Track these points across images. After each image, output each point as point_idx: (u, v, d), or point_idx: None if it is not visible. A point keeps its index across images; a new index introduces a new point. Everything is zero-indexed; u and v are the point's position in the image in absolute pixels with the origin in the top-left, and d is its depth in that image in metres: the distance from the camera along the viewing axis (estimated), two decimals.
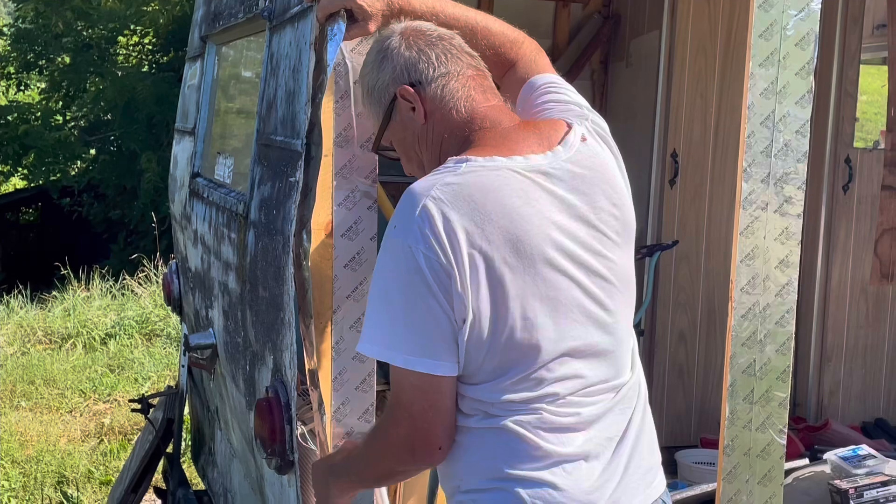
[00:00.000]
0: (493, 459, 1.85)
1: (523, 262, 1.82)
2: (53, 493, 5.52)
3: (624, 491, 1.90)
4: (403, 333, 1.80)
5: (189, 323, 4.12)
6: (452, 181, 1.83)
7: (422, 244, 1.79)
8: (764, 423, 2.75)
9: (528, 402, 1.84)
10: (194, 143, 4.03)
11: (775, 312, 2.72)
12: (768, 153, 2.68)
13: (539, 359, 1.84)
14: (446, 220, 1.79)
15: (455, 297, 1.79)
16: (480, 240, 1.80)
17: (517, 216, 1.83)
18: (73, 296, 10.02)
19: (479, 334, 1.81)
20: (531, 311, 1.83)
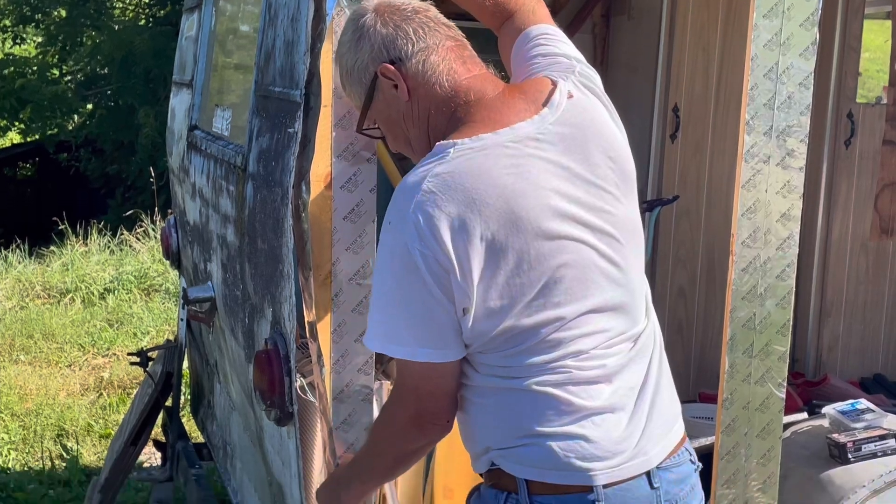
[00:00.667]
0: (521, 418, 1.87)
1: (525, 238, 1.82)
2: (53, 446, 5.54)
3: (649, 438, 1.93)
4: (404, 327, 1.83)
5: (188, 277, 4.12)
6: (442, 171, 1.83)
7: (417, 241, 1.80)
8: (763, 376, 2.75)
9: (551, 361, 1.86)
10: (192, 96, 4.00)
11: (776, 266, 2.71)
12: (771, 106, 2.65)
13: (556, 324, 1.86)
14: (442, 212, 1.80)
15: (456, 290, 1.80)
16: (479, 226, 1.80)
17: (512, 194, 1.82)
18: (71, 251, 10.01)
19: (487, 316, 1.83)
20: (542, 282, 1.83)
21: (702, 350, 4.62)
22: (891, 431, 3.05)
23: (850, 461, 2.99)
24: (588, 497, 1.86)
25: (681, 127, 4.49)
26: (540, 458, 1.86)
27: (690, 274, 4.59)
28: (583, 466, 1.86)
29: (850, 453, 3.00)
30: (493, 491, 1.93)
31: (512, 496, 1.89)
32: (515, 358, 1.86)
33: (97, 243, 10.35)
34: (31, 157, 20.48)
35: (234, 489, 3.77)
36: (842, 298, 4.70)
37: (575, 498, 1.86)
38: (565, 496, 1.86)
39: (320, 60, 2.32)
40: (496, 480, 1.93)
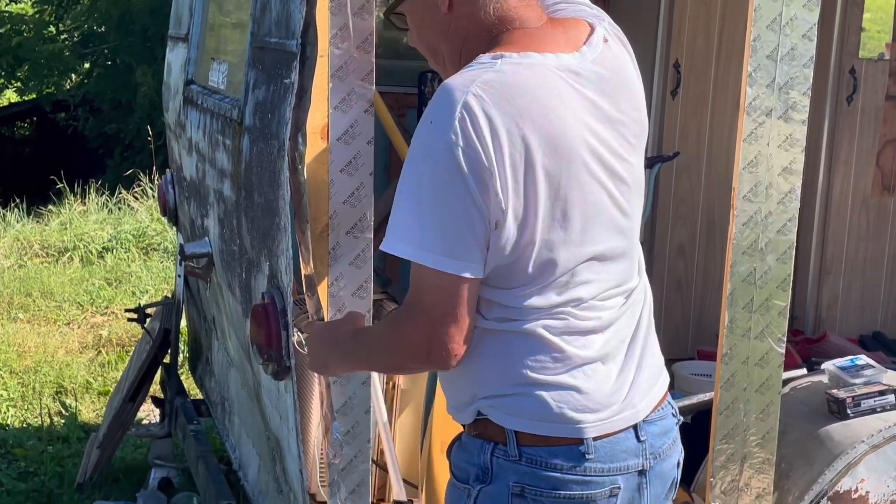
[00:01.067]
0: (514, 364, 1.85)
1: (560, 165, 1.80)
2: (52, 403, 5.55)
3: (636, 391, 1.92)
4: (434, 233, 1.75)
5: (185, 233, 4.10)
6: (492, 79, 1.77)
7: (462, 142, 1.74)
8: (763, 331, 2.74)
9: (554, 306, 1.84)
10: (188, 50, 3.97)
11: (777, 220, 2.69)
12: (774, 58, 2.62)
13: (567, 263, 1.84)
14: (489, 118, 1.74)
15: (492, 199, 1.75)
16: (522, 141, 1.76)
17: (555, 117, 1.79)
18: (69, 210, 9.99)
19: (513, 237, 1.79)
20: (565, 215, 1.81)
21: (701, 307, 4.61)
22: (890, 387, 3.04)
23: (849, 417, 2.98)
24: (578, 449, 1.85)
25: (682, 83, 4.46)
26: (531, 408, 1.84)
27: (690, 231, 4.58)
28: (575, 418, 1.85)
29: (849, 409, 2.99)
30: (479, 441, 1.90)
31: (500, 447, 1.87)
32: (519, 297, 1.83)
33: (95, 202, 10.33)
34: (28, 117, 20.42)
35: (233, 444, 3.77)
36: (842, 255, 4.68)
37: (565, 450, 1.85)
38: (555, 448, 1.85)
39: (316, 9, 2.29)
40: (482, 431, 1.90)
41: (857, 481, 2.88)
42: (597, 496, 1.86)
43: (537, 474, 1.85)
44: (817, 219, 4.64)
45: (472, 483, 1.89)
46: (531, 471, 1.85)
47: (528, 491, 1.85)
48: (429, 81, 4.51)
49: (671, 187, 4.53)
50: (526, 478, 1.85)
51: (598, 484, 1.86)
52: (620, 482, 1.88)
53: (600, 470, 1.86)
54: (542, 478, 1.85)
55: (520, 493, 1.85)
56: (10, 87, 19.88)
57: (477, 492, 1.89)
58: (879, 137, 4.62)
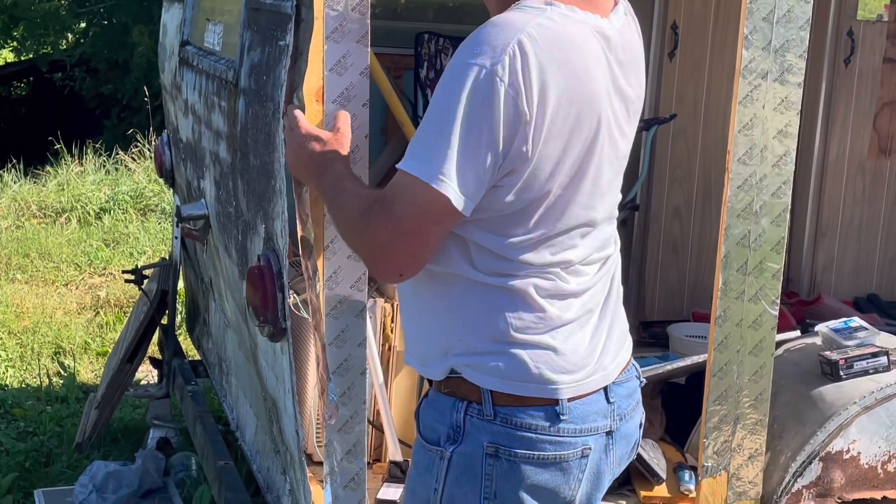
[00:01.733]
0: (496, 320, 1.85)
1: (586, 127, 1.82)
2: (50, 364, 5.58)
3: (607, 354, 1.96)
4: (446, 151, 1.73)
5: (181, 194, 4.10)
6: (546, 24, 1.76)
7: (508, 78, 1.71)
8: (756, 294, 2.75)
9: (545, 265, 1.86)
10: (183, 10, 3.95)
11: (772, 183, 2.70)
12: (770, 20, 2.62)
13: (568, 223, 1.86)
14: (539, 64, 1.73)
15: (517, 145, 1.75)
16: (564, 94, 1.76)
17: (592, 78, 1.81)
18: (66, 171, 9.97)
19: (526, 186, 1.79)
20: (579, 175, 1.84)
21: (696, 270, 4.62)
22: (883, 349, 3.06)
23: (842, 378, 3.01)
24: (554, 409, 1.86)
25: (679, 44, 4.44)
26: (508, 368, 1.86)
27: (686, 194, 4.58)
28: (551, 378, 1.86)
29: (842, 370, 3.01)
30: (452, 399, 1.89)
31: (473, 406, 1.87)
32: (515, 249, 1.83)
33: (93, 163, 10.30)
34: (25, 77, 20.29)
35: (230, 405, 3.80)
36: (837, 218, 4.69)
37: (540, 410, 1.86)
38: (530, 408, 1.86)
39: None
40: (454, 389, 1.89)
41: (849, 442, 2.91)
42: (569, 456, 1.88)
43: (511, 434, 1.85)
44: (813, 181, 4.64)
45: (444, 444, 1.89)
46: (505, 430, 1.85)
47: (501, 451, 1.86)
48: (425, 42, 4.49)
49: (668, 150, 4.52)
50: (499, 438, 1.86)
51: (570, 444, 1.88)
52: (591, 443, 1.90)
53: (573, 431, 1.88)
54: (516, 438, 1.85)
55: (493, 454, 1.86)
56: (6, 47, 19.76)
57: (450, 453, 1.88)
58: (877, 100, 4.61)
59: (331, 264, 2.29)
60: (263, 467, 3.24)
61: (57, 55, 17.82)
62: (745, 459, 2.82)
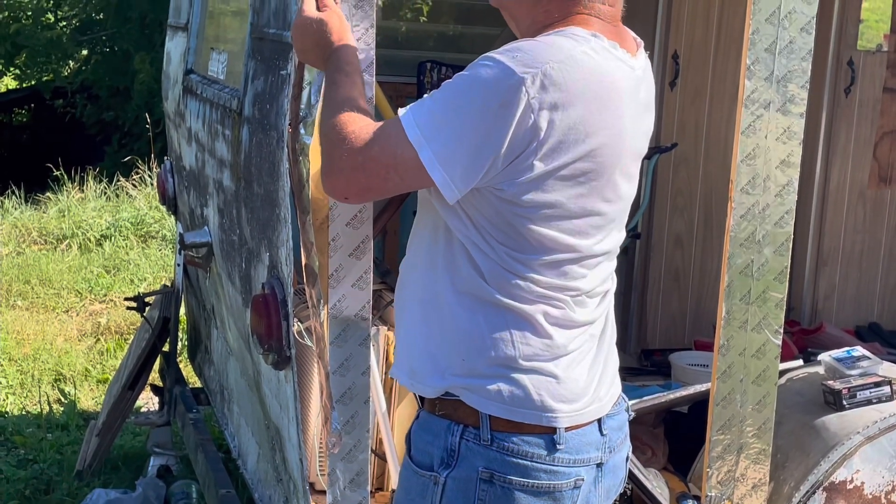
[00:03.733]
0: (505, 343, 1.85)
1: (607, 160, 1.83)
2: (51, 391, 5.57)
3: (602, 385, 1.97)
4: (448, 133, 1.74)
5: (184, 222, 4.11)
6: (590, 54, 1.79)
7: (532, 93, 1.72)
8: (760, 323, 2.75)
9: (557, 289, 1.86)
10: (187, 39, 3.97)
11: (774, 213, 2.71)
12: (772, 51, 2.63)
13: (581, 252, 1.88)
14: (572, 90, 1.75)
15: (526, 156, 1.76)
16: (589, 125, 1.78)
17: (619, 116, 1.83)
18: (67, 197, 9.98)
19: (539, 209, 1.80)
20: (593, 207, 1.86)
21: (698, 298, 4.63)
22: (885, 378, 3.06)
23: (845, 408, 3.00)
24: (551, 438, 1.86)
25: (680, 74, 4.46)
26: (510, 393, 1.85)
27: (688, 222, 4.59)
28: (552, 406, 1.86)
29: (845, 400, 3.01)
30: (447, 422, 1.88)
31: (470, 430, 1.85)
32: (527, 268, 1.84)
33: (93, 190, 10.32)
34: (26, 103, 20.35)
35: (232, 433, 3.79)
36: (839, 247, 4.70)
37: (538, 439, 1.85)
38: (528, 436, 1.85)
39: None
40: (450, 411, 1.88)
41: (853, 472, 2.91)
42: (563, 486, 1.88)
43: (507, 461, 1.85)
44: (814, 210, 4.65)
45: (438, 469, 1.87)
46: (501, 457, 1.85)
47: (496, 477, 1.85)
48: (427, 71, 4.52)
49: (669, 178, 4.54)
50: (495, 464, 1.85)
51: (564, 475, 1.87)
52: (584, 474, 1.90)
53: (568, 461, 1.88)
54: (512, 465, 1.85)
55: (488, 479, 1.85)
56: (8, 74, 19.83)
57: (444, 478, 1.86)
58: (877, 129, 4.64)
59: (335, 293, 2.29)
60: (265, 496, 3.23)
61: (59, 82, 17.89)
62: (748, 489, 2.81)
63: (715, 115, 4.52)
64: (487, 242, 1.84)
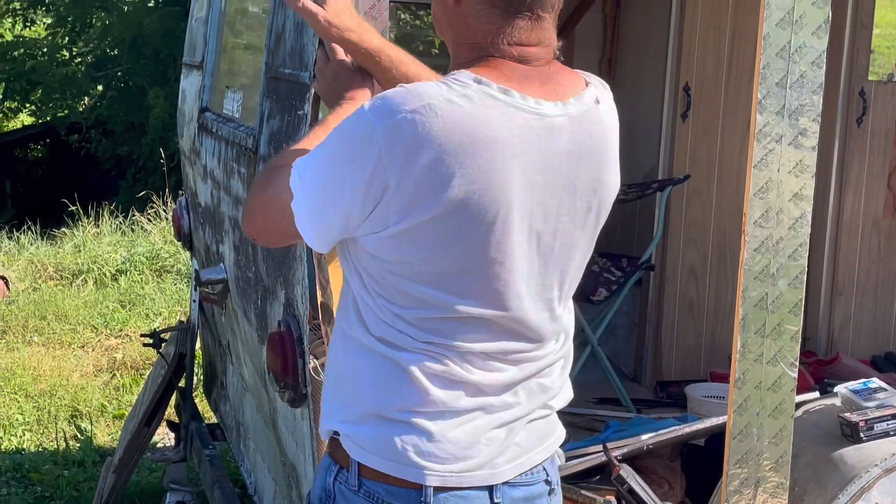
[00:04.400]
0: (378, 391, 1.79)
1: (484, 218, 1.69)
2: (67, 427, 5.58)
3: (503, 453, 1.83)
4: (314, 188, 1.73)
5: (200, 258, 4.13)
6: (459, 102, 1.66)
7: (384, 143, 1.65)
8: (775, 356, 2.75)
9: (436, 346, 1.76)
10: (202, 78, 4.01)
11: (788, 246, 2.71)
12: (783, 85, 2.64)
13: (462, 311, 1.75)
14: (427, 142, 1.64)
15: (381, 210, 1.68)
16: (452, 178, 1.66)
17: (497, 169, 1.68)
18: (83, 232, 10.03)
19: (407, 262, 1.72)
20: (475, 267, 1.73)
21: (712, 329, 4.62)
22: None
23: (863, 440, 2.99)
24: (417, 495, 1.78)
25: (692, 106, 4.48)
26: (376, 441, 1.79)
27: (701, 254, 4.59)
28: (417, 462, 1.77)
29: (863, 432, 2.99)
30: (328, 461, 1.86)
31: (343, 472, 1.83)
32: (405, 322, 1.76)
33: (109, 225, 10.38)
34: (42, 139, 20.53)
35: (248, 469, 3.79)
36: (853, 277, 4.69)
37: (404, 493, 1.79)
38: (394, 488, 1.79)
39: None
40: (332, 451, 1.86)
41: None
42: None
43: None
44: (828, 240, 4.65)
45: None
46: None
47: None
48: None
49: (682, 210, 4.54)
50: None
51: None
52: None
53: None
54: None
55: None
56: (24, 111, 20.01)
57: None
58: (890, 159, 4.64)
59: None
60: None
61: (74, 118, 18.04)
62: None
63: (727, 147, 4.53)
64: (368, 292, 1.78)
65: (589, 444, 3.30)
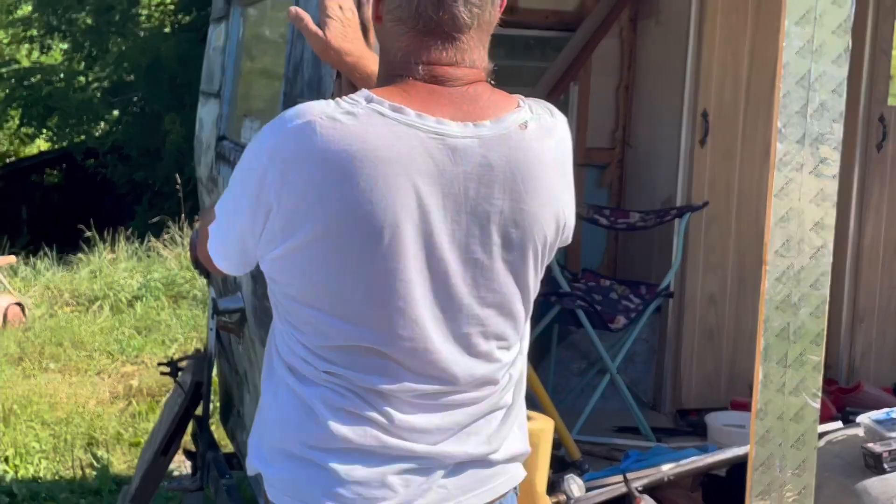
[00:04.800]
0: (286, 426, 1.71)
1: (369, 241, 1.61)
2: (83, 455, 5.57)
3: (423, 496, 1.71)
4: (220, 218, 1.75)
5: (217, 286, 4.12)
6: (342, 119, 1.60)
7: (267, 162, 1.61)
8: (797, 386, 2.72)
9: (341, 378, 1.67)
10: (220, 106, 4.01)
11: (810, 275, 2.69)
12: (804, 113, 2.63)
13: (351, 341, 1.66)
14: (304, 159, 1.59)
15: (267, 231, 1.65)
16: (330, 197, 1.59)
17: (384, 187, 1.59)
18: (98, 258, 10.07)
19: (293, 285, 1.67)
20: (360, 294, 1.63)
21: (732, 357, 4.59)
22: None
23: (886, 471, 2.96)
24: None
25: (710, 132, 4.47)
26: (286, 482, 1.71)
27: (721, 280, 4.56)
28: (321, 501, 1.68)
29: (886, 463, 2.96)
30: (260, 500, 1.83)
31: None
32: (306, 350, 1.68)
33: (125, 250, 10.41)
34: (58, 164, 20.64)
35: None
36: (874, 304, 4.65)
37: None
38: None
39: None
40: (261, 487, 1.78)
41: None
42: None
43: None
44: (849, 267, 4.62)
45: None
46: None
47: None
48: None
49: (701, 236, 4.52)
50: None
51: None
52: None
53: None
54: None
55: None
56: (40, 136, 20.14)
57: None
58: None
59: None
60: None
61: (90, 143, 18.13)
62: None
63: (745, 173, 4.51)
64: (280, 318, 1.72)
65: (608, 474, 3.28)
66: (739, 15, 4.46)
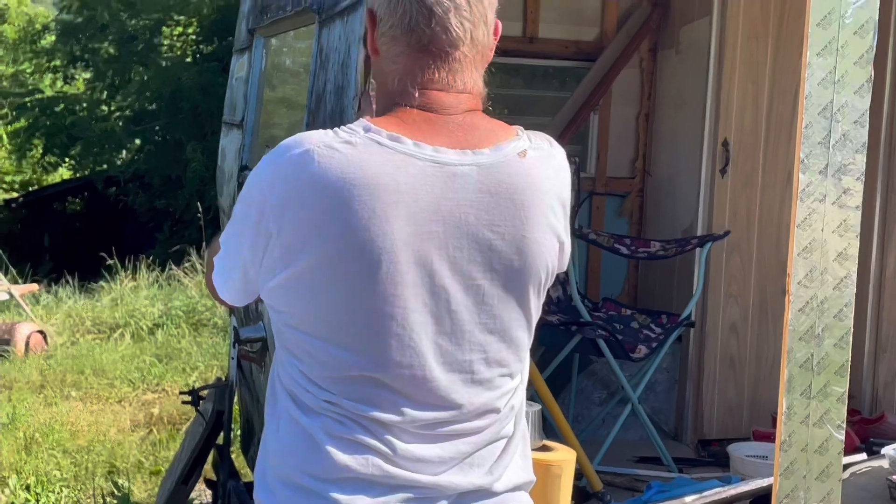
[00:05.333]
0: (289, 457, 1.69)
1: (367, 268, 1.61)
2: (104, 483, 5.58)
3: None
4: (225, 247, 1.76)
5: (238, 316, 4.14)
6: (340, 148, 1.61)
7: (267, 190, 1.64)
8: (822, 418, 2.71)
9: (339, 406, 1.65)
10: (242, 136, 4.04)
11: (833, 306, 2.68)
12: (826, 144, 2.63)
13: (350, 371, 1.65)
14: (303, 187, 1.60)
15: (267, 259, 1.66)
16: (320, 228, 1.60)
17: (383, 215, 1.60)
18: (120, 286, 10.12)
19: (294, 314, 1.66)
20: (360, 323, 1.63)
21: (755, 387, 4.56)
22: None
23: None
24: None
25: (731, 161, 4.46)
26: None
27: (742, 309, 4.55)
28: None
29: None
30: None
31: None
32: (306, 379, 1.67)
33: (146, 278, 10.46)
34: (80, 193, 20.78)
35: None
36: None
37: None
38: None
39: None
40: None
41: None
42: None
43: None
44: (871, 298, 4.60)
45: None
46: None
47: None
48: None
49: (722, 265, 4.51)
50: None
51: None
52: None
53: None
54: None
55: None
56: (63, 165, 20.30)
57: None
58: None
59: None
60: None
61: (112, 171, 18.27)
62: None
63: (767, 202, 4.51)
64: (282, 349, 1.72)
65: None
66: (759, 43, 4.47)
